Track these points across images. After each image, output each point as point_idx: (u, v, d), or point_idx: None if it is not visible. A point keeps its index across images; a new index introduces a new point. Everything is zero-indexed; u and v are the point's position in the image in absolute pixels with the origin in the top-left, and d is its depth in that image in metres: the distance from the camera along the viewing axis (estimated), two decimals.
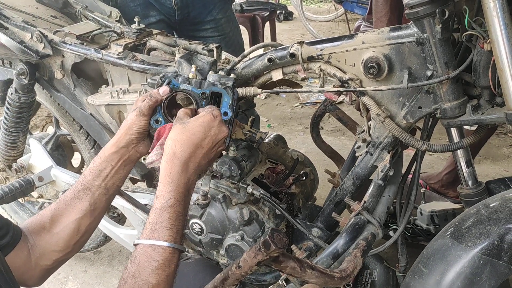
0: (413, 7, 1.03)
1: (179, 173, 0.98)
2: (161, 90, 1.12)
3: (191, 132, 1.01)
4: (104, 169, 1.10)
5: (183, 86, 1.15)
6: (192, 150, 1.00)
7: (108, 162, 1.10)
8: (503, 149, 3.02)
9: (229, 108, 1.15)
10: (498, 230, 1.07)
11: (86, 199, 1.08)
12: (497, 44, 0.97)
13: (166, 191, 0.96)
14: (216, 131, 1.04)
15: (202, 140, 1.02)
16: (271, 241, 0.84)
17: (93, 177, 1.09)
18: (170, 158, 0.99)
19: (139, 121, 1.10)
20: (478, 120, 1.09)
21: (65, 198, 1.08)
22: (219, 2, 2.04)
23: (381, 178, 1.21)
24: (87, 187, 1.09)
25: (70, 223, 1.06)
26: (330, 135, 3.31)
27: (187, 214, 0.99)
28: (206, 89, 1.15)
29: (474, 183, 1.29)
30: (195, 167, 1.00)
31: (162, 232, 0.91)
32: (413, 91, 1.14)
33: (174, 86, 1.14)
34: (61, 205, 1.07)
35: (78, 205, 1.07)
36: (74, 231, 1.06)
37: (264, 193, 1.34)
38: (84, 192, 1.08)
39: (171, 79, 1.15)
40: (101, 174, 1.10)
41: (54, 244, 1.04)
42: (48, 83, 1.67)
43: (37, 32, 1.52)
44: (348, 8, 5.28)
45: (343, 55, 1.17)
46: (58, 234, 1.05)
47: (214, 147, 1.05)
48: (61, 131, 2.04)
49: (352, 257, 1.04)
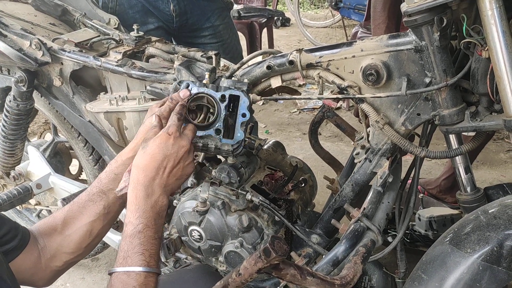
0: (411, 15, 1.04)
1: (144, 199, 0.98)
2: (181, 93, 1.12)
3: (150, 156, 1.00)
4: (120, 173, 1.10)
5: (201, 89, 1.16)
6: (154, 173, 1.00)
7: (124, 167, 1.10)
8: (501, 154, 3.04)
9: (247, 110, 1.16)
10: (497, 236, 1.07)
11: (101, 203, 1.08)
12: (495, 51, 0.97)
13: (133, 217, 0.96)
14: (175, 148, 1.02)
15: (162, 160, 1.00)
16: (271, 249, 0.84)
17: (109, 181, 1.10)
18: (134, 185, 0.99)
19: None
20: (477, 127, 1.10)
21: (79, 200, 1.09)
22: (217, 9, 2.05)
23: (380, 184, 1.21)
24: (102, 191, 1.09)
25: (83, 225, 1.06)
26: (328, 141, 3.32)
27: (160, 237, 0.99)
28: (224, 92, 1.16)
29: (472, 189, 1.30)
30: (161, 188, 1.00)
31: (134, 258, 0.92)
32: (412, 98, 1.14)
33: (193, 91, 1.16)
34: (75, 207, 1.08)
35: (92, 208, 1.08)
36: (86, 233, 1.07)
37: (263, 200, 1.34)
38: (99, 196, 1.09)
39: (189, 83, 1.16)
40: (117, 178, 1.10)
41: (65, 246, 1.05)
42: (47, 90, 1.67)
43: (35, 40, 1.52)
44: (345, 14, 5.31)
45: (342, 62, 1.18)
46: (70, 236, 1.06)
47: (179, 164, 1.03)
48: (59, 138, 2.03)
49: (352, 264, 1.04)
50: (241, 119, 1.16)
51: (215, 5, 2.03)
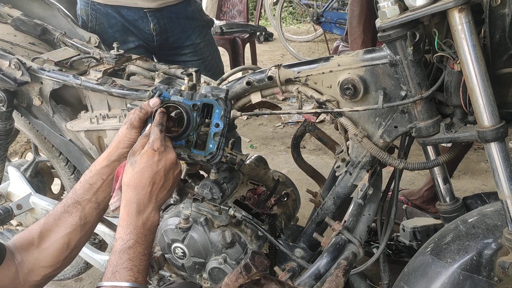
0: (385, 30, 1.06)
1: (135, 215, 0.98)
2: (151, 102, 1.10)
3: (139, 174, 1.00)
4: (95, 182, 1.09)
5: (174, 98, 1.13)
6: (145, 190, 1.00)
7: (99, 176, 1.09)
8: (481, 164, 3.08)
9: (220, 120, 1.13)
10: (476, 245, 1.09)
11: (76, 214, 1.07)
12: (467, 64, 1.00)
13: (124, 233, 0.96)
14: (163, 163, 1.02)
15: (152, 177, 1.01)
16: (252, 264, 0.85)
17: (84, 191, 1.09)
18: (126, 202, 1.00)
19: (129, 134, 1.09)
20: (452, 138, 1.12)
21: (55, 212, 1.07)
22: (198, 27, 2.06)
23: (360, 197, 1.23)
24: (77, 201, 1.08)
25: (59, 238, 1.05)
26: (312, 154, 3.33)
27: (150, 253, 1.00)
28: (197, 100, 1.13)
29: (451, 199, 1.32)
30: (152, 205, 1.01)
31: (123, 273, 0.92)
32: (389, 111, 1.16)
33: (165, 98, 1.12)
34: (50, 219, 1.06)
35: (68, 219, 1.06)
36: (63, 246, 1.06)
37: (246, 215, 1.34)
38: (74, 207, 1.07)
39: (162, 91, 1.13)
40: (92, 188, 1.09)
41: (43, 259, 1.04)
42: (27, 110, 1.66)
43: (15, 60, 1.51)
44: (327, 28, 5.38)
45: (320, 77, 1.20)
46: (47, 249, 1.04)
47: (168, 176, 1.04)
48: (40, 158, 2.02)
49: (334, 277, 1.04)
50: (214, 130, 1.13)
51: (195, 23, 2.05)
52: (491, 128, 1.01)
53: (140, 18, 1.89)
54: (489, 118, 1.01)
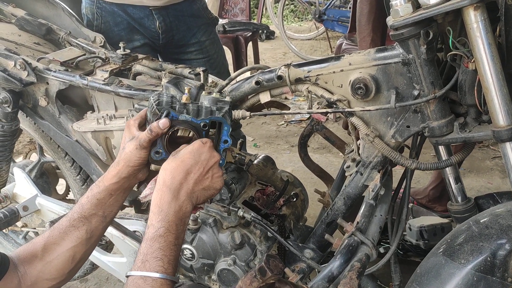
0: (398, 29, 1.05)
1: (168, 202, 0.97)
2: (161, 124, 1.07)
3: (180, 160, 1.00)
4: (103, 198, 1.09)
5: (182, 117, 1.11)
6: (182, 176, 0.99)
7: (107, 192, 1.09)
8: (486, 162, 3.07)
9: (229, 137, 1.13)
10: (490, 246, 1.07)
11: (83, 228, 1.06)
12: (482, 63, 0.98)
13: (156, 220, 0.95)
14: (207, 156, 1.03)
15: (192, 166, 1.01)
16: (267, 268, 0.83)
17: (91, 206, 1.08)
18: (160, 187, 0.98)
19: (139, 154, 1.08)
20: (466, 138, 1.11)
21: (60, 226, 1.06)
22: (203, 24, 2.05)
23: (372, 197, 1.21)
24: (84, 216, 1.07)
25: (65, 251, 1.04)
26: (316, 152, 3.32)
27: (181, 244, 0.97)
28: (205, 118, 1.12)
29: (463, 199, 1.30)
30: (187, 194, 0.99)
31: (152, 263, 0.90)
32: (401, 111, 1.15)
33: (173, 118, 1.10)
34: (55, 233, 1.05)
35: (74, 233, 1.05)
36: (68, 259, 1.04)
37: (255, 216, 1.33)
38: (81, 221, 1.07)
39: (169, 110, 1.11)
40: (100, 203, 1.08)
41: (47, 272, 1.02)
42: (32, 110, 1.65)
43: (20, 60, 1.50)
44: (329, 26, 5.37)
45: (331, 77, 1.18)
46: (52, 262, 1.03)
47: (208, 173, 1.03)
48: (45, 158, 2.00)
49: (347, 279, 1.03)
50: (223, 146, 1.12)
51: (200, 21, 2.03)
52: (507, 127, 1.00)
53: (146, 16, 1.87)
54: (505, 118, 1.00)
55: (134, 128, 1.12)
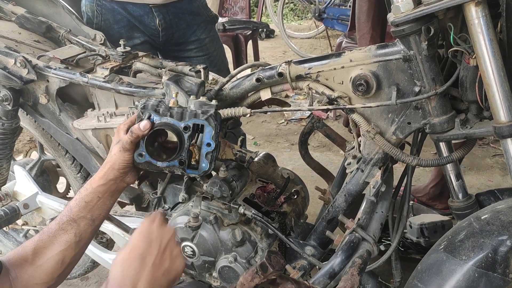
0: (399, 25, 1.05)
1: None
2: (141, 126, 1.09)
3: (131, 246, 0.91)
4: (90, 200, 1.09)
5: (164, 119, 1.12)
6: (136, 264, 0.87)
7: (95, 194, 1.10)
8: (487, 160, 3.07)
9: (211, 140, 1.13)
10: (491, 242, 1.07)
11: (71, 231, 1.06)
12: (483, 59, 0.98)
13: None
14: (159, 234, 0.93)
15: (145, 249, 0.90)
16: (268, 264, 0.83)
17: (79, 209, 1.08)
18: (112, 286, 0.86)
19: (123, 157, 1.10)
20: (467, 134, 1.11)
21: (49, 229, 1.06)
22: (203, 22, 2.05)
23: (373, 194, 1.21)
24: (73, 219, 1.07)
25: (54, 255, 1.03)
26: (316, 150, 3.32)
27: None
28: (188, 121, 1.12)
29: (464, 196, 1.30)
30: (148, 284, 0.87)
31: None
32: (402, 107, 1.15)
33: (155, 121, 1.12)
34: (45, 236, 1.05)
35: (63, 236, 1.05)
36: (58, 263, 1.04)
37: (256, 213, 1.33)
38: (69, 224, 1.07)
39: (151, 113, 1.12)
40: (87, 206, 1.09)
41: (37, 277, 1.02)
42: (33, 108, 1.65)
43: (20, 58, 1.50)
44: (329, 25, 5.36)
45: (331, 73, 1.18)
46: (42, 266, 1.02)
47: (165, 253, 0.92)
48: (45, 156, 2.00)
49: (349, 275, 1.03)
50: (206, 149, 1.13)
51: (200, 19, 2.03)
52: (508, 123, 1.00)
53: (146, 14, 1.87)
54: (506, 114, 1.00)
55: (122, 132, 1.13)
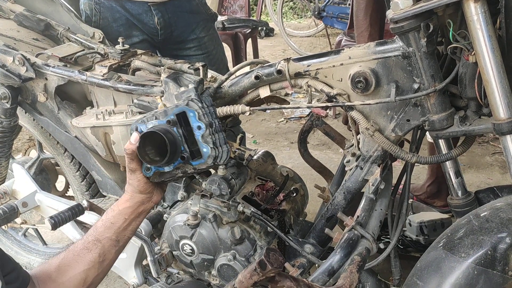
0: (398, 22, 1.04)
1: None
2: (132, 140, 1.11)
3: None
4: (117, 221, 1.11)
5: (150, 124, 1.12)
6: None
7: (121, 216, 1.11)
8: (486, 158, 3.07)
9: (199, 121, 1.10)
10: (490, 239, 1.07)
11: (96, 251, 1.07)
12: (482, 56, 0.98)
13: None
14: None
15: None
16: (267, 261, 0.83)
17: (105, 229, 1.10)
18: None
19: (136, 178, 1.12)
20: (466, 131, 1.10)
21: (75, 248, 1.08)
22: (202, 20, 2.04)
23: (372, 191, 1.21)
24: (98, 239, 1.09)
25: (77, 274, 1.05)
26: (315, 149, 3.32)
27: None
28: (170, 115, 1.11)
29: (463, 193, 1.30)
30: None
31: None
32: (401, 104, 1.14)
33: (143, 130, 1.12)
34: (70, 255, 1.07)
35: (87, 256, 1.07)
36: (80, 282, 1.06)
37: (255, 211, 1.33)
38: (94, 244, 1.08)
39: (137, 125, 1.13)
40: (113, 226, 1.11)
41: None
42: (31, 106, 1.64)
43: (19, 56, 1.49)
44: (328, 23, 5.35)
45: (330, 71, 1.18)
46: (64, 284, 1.04)
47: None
48: (44, 155, 2.00)
49: (348, 273, 1.03)
50: (198, 133, 1.10)
51: (199, 17, 2.03)
52: (507, 120, 1.00)
53: (145, 12, 1.87)
54: (505, 110, 1.00)
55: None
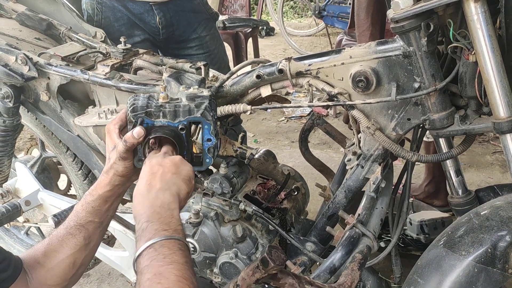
0: (399, 21, 1.05)
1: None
2: (135, 134, 1.04)
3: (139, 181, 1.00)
4: (98, 205, 1.08)
5: (158, 122, 1.07)
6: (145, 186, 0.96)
7: (102, 199, 1.08)
8: (487, 157, 3.07)
9: (211, 135, 1.10)
10: (490, 238, 1.08)
11: (80, 235, 1.06)
12: (482, 55, 0.99)
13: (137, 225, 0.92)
14: (157, 159, 1.01)
15: (150, 175, 0.98)
16: (269, 258, 0.84)
17: (86, 214, 1.07)
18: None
19: (123, 164, 1.06)
20: (467, 130, 1.11)
21: (58, 234, 1.06)
22: (203, 20, 2.05)
23: (373, 190, 1.22)
24: (80, 224, 1.06)
25: (65, 258, 1.04)
26: (316, 148, 3.32)
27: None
28: (183, 120, 1.08)
29: (464, 192, 1.31)
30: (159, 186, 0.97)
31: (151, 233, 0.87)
32: (402, 103, 1.15)
33: (149, 125, 1.06)
34: (54, 240, 1.05)
35: (72, 240, 1.05)
36: (69, 265, 1.05)
37: (257, 209, 1.34)
38: (77, 229, 1.06)
39: (143, 118, 1.06)
40: (95, 211, 1.08)
41: (50, 278, 1.03)
42: (34, 105, 1.65)
43: (21, 55, 1.50)
44: (329, 22, 5.36)
45: (331, 70, 1.18)
46: (53, 269, 1.03)
47: (165, 161, 1.00)
48: (46, 154, 2.01)
49: (349, 271, 1.04)
50: (207, 145, 1.10)
51: (201, 16, 2.03)
52: (507, 119, 1.00)
53: (146, 12, 1.87)
54: (505, 109, 1.01)
55: (114, 134, 1.08)
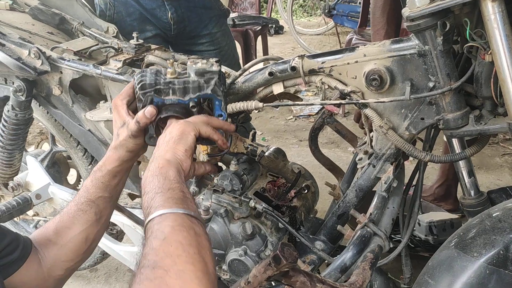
0: (414, 20, 1.04)
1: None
2: (147, 113, 1.05)
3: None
4: (107, 181, 1.09)
5: (168, 101, 1.07)
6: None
7: (111, 175, 1.09)
8: (496, 159, 3.05)
9: (222, 110, 1.10)
10: (503, 239, 1.07)
11: (91, 211, 1.07)
12: (499, 55, 0.98)
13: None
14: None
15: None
16: (281, 256, 0.84)
17: (96, 189, 1.08)
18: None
19: (134, 141, 1.08)
20: (481, 130, 1.10)
21: (69, 211, 1.07)
22: (215, 16, 2.05)
23: (385, 189, 1.21)
24: (91, 200, 1.08)
25: (77, 234, 1.05)
26: (324, 147, 3.32)
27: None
28: (193, 97, 1.07)
29: (476, 193, 1.30)
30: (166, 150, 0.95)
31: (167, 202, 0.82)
32: (416, 103, 1.14)
33: (159, 103, 1.07)
34: (65, 217, 1.07)
35: (83, 216, 1.06)
36: (82, 241, 1.06)
37: (267, 207, 1.33)
38: (88, 204, 1.07)
39: (153, 97, 1.06)
40: (104, 186, 1.09)
41: (63, 255, 1.04)
42: (46, 99, 1.66)
43: (34, 49, 1.51)
44: (338, 21, 5.34)
45: (345, 68, 1.18)
46: (66, 245, 1.05)
47: (171, 127, 1.00)
48: (57, 148, 2.02)
49: (360, 270, 1.03)
50: None
51: (212, 13, 2.04)
52: None
53: (158, 7, 1.88)
54: None
55: (123, 110, 1.09)
